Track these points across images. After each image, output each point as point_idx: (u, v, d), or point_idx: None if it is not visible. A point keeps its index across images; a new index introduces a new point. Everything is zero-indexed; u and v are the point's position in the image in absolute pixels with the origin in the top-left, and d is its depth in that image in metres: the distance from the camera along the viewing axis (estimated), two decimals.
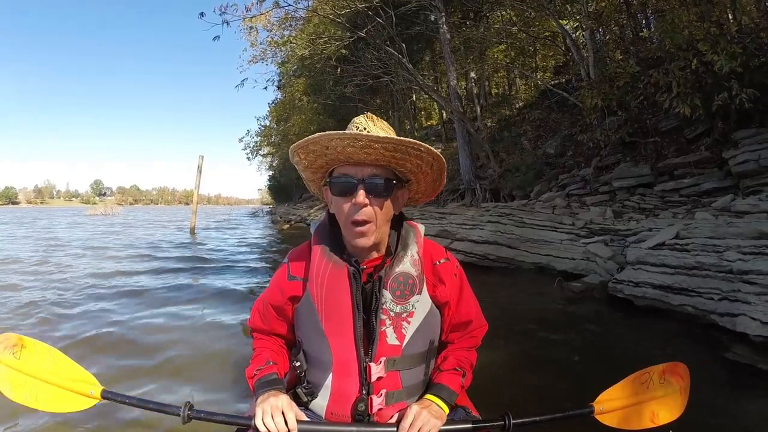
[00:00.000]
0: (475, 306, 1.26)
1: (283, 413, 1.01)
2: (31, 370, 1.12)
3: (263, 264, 8.38)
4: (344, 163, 1.05)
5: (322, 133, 0.98)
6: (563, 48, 14.15)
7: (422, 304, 1.13)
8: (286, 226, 21.05)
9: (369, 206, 1.03)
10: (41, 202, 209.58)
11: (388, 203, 1.07)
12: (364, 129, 1.05)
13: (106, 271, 7.09)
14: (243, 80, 17.44)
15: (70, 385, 1.12)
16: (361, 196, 1.02)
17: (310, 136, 1.00)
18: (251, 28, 13.40)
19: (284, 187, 44.69)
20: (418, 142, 1.01)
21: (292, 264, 1.18)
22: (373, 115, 1.10)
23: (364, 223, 1.04)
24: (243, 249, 11.18)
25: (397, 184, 1.09)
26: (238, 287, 5.84)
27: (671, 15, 5.94)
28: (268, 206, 64.33)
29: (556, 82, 12.90)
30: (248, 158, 49.00)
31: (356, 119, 1.09)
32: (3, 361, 1.11)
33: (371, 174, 1.04)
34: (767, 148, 5.62)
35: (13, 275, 6.68)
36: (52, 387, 1.12)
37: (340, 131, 0.98)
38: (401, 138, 0.98)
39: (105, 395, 1.12)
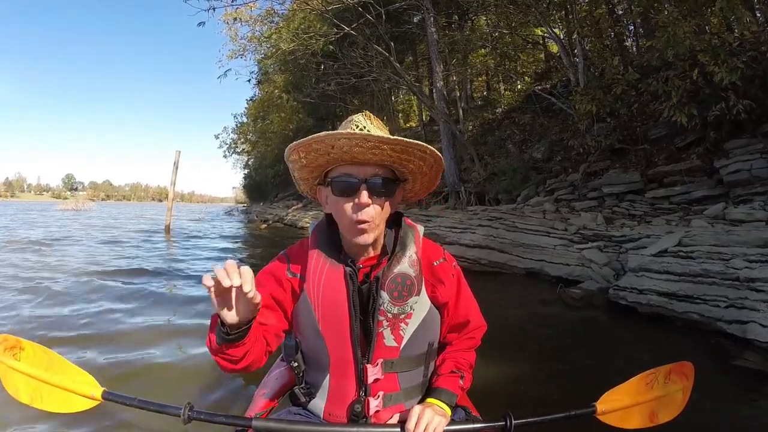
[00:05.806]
0: (474, 306, 1.25)
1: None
2: (33, 372, 1.12)
3: (254, 263, 8.18)
4: (345, 162, 1.02)
5: (329, 132, 0.96)
6: (544, 55, 14.31)
7: (421, 305, 1.12)
8: (263, 226, 20.65)
9: (371, 206, 1.02)
10: (11, 196, 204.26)
11: (388, 202, 1.07)
12: (364, 128, 1.03)
13: (88, 269, 6.81)
14: (226, 71, 16.83)
15: (71, 386, 1.12)
16: (364, 196, 1.00)
17: (314, 135, 0.98)
18: (235, 19, 12.96)
19: (259, 185, 43.64)
20: (424, 144, 1.01)
21: (292, 260, 1.16)
22: (371, 114, 1.10)
23: (367, 222, 1.02)
24: (228, 248, 11.21)
25: (397, 184, 1.09)
26: None
27: (673, 27, 5.95)
28: (242, 205, 63.03)
29: (540, 87, 12.96)
30: (224, 156, 48.35)
31: (355, 118, 1.07)
32: (6, 362, 1.12)
33: (373, 174, 1.02)
34: (759, 158, 5.72)
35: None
36: (54, 388, 1.12)
37: (349, 131, 0.96)
38: (410, 140, 0.98)
39: (106, 396, 1.12)
